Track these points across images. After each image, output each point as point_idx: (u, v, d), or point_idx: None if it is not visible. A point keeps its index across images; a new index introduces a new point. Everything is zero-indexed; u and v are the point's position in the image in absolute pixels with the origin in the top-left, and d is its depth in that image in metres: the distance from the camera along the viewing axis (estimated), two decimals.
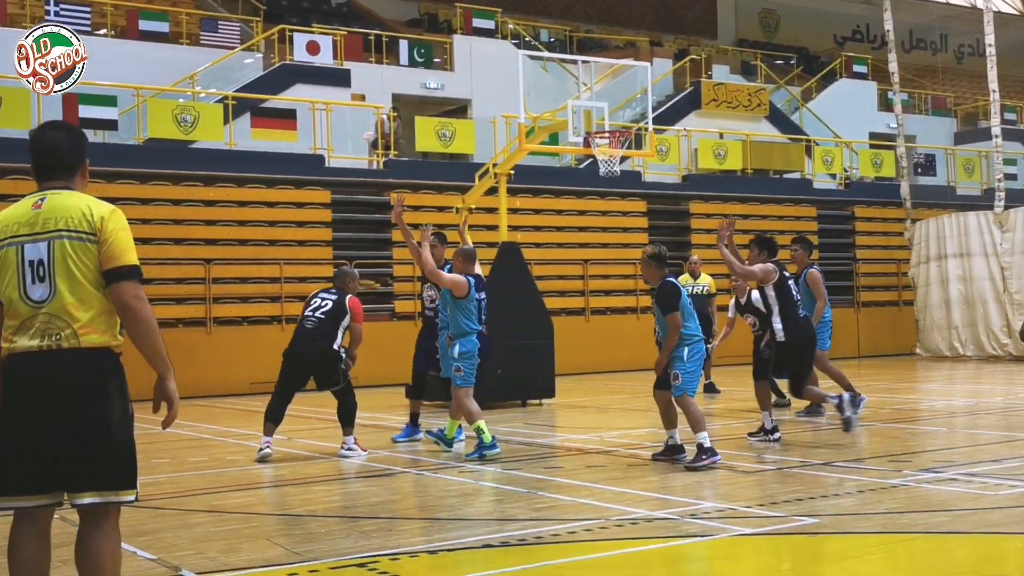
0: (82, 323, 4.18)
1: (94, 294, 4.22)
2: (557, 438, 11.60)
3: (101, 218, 4.24)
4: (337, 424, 10.64)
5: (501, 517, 7.24)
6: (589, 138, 14.63)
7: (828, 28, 42.14)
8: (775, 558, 6.14)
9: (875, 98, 32.54)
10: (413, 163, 22.72)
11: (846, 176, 28.37)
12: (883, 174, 28.58)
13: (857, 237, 27.31)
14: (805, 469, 8.88)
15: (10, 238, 4.26)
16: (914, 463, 9.13)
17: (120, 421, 4.23)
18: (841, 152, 28.55)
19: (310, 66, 22.94)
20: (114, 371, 4.26)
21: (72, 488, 4.18)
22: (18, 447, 4.17)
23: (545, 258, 22.40)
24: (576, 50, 29.83)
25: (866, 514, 7.03)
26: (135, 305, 4.22)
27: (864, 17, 42.63)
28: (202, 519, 7.50)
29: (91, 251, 4.21)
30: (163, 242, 19.20)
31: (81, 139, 4.51)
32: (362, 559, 6.01)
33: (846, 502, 7.41)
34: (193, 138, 20.22)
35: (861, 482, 8.14)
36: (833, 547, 6.28)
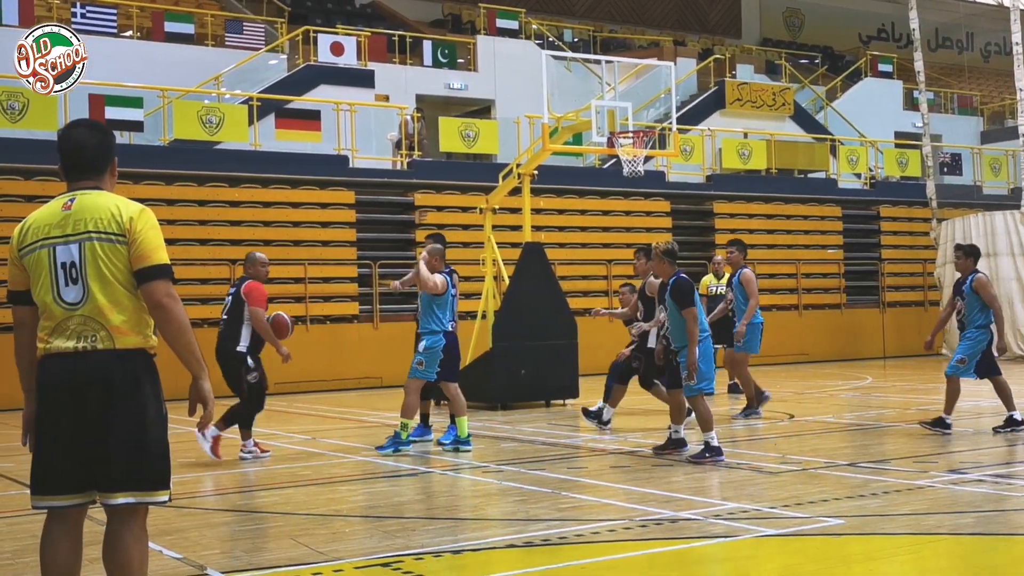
0: (116, 325, 4.19)
1: (126, 295, 4.22)
2: (581, 438, 11.60)
3: (130, 218, 4.22)
4: (364, 425, 10.67)
5: (525, 517, 7.25)
6: (613, 138, 14.61)
7: (853, 27, 41.92)
8: (800, 559, 6.12)
9: (901, 97, 32.36)
10: (437, 163, 22.76)
11: (871, 176, 28.21)
12: (909, 174, 28.40)
13: (882, 237, 27.16)
14: (830, 470, 8.84)
15: (42, 240, 4.25)
16: (940, 464, 9.08)
17: (154, 422, 4.24)
18: (866, 151, 28.39)
19: (334, 67, 23.02)
20: (148, 372, 4.27)
21: (105, 488, 4.18)
22: (53, 447, 4.19)
23: (569, 258, 22.39)
24: (600, 50, 29.81)
25: (892, 515, 7.00)
26: (167, 304, 4.21)
27: (889, 16, 42.39)
28: (227, 518, 7.55)
29: (121, 252, 4.20)
30: (188, 243, 19.30)
31: (108, 138, 4.48)
32: (386, 559, 6.03)
33: (871, 503, 7.38)
34: (218, 139, 20.33)
35: (886, 483, 8.10)
36: (858, 548, 6.26)
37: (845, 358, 24.15)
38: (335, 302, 20.34)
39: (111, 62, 21.24)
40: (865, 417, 12.96)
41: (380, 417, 14.61)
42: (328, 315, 20.22)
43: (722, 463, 9.10)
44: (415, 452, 10.71)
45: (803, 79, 31.33)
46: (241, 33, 23.88)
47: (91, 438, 4.14)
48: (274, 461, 10.41)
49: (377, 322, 20.45)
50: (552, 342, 15.22)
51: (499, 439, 11.58)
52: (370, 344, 20.27)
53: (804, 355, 24.18)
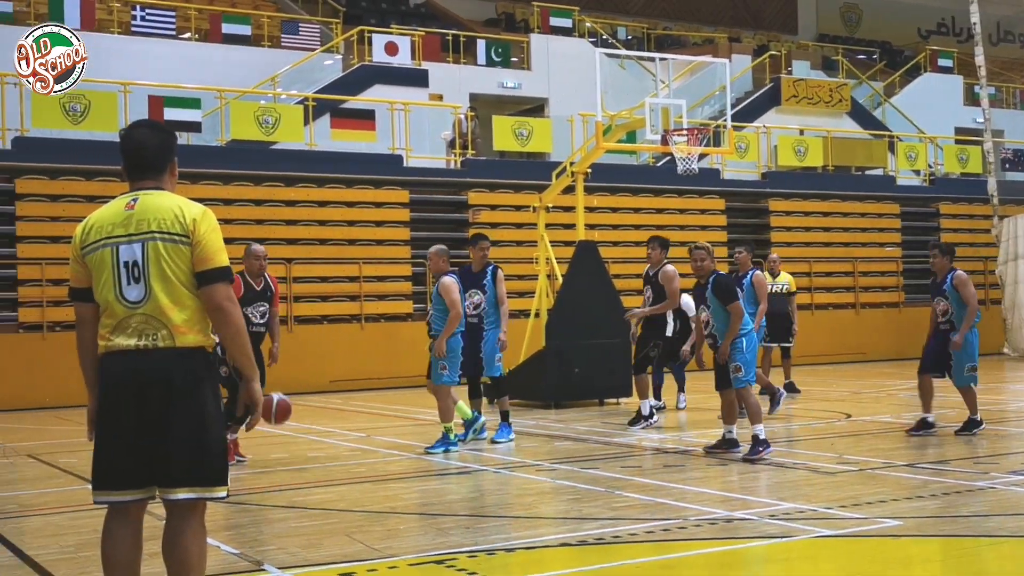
0: (177, 324, 4.25)
1: (188, 295, 4.28)
2: (635, 437, 11.56)
3: (193, 220, 4.28)
4: (418, 423, 10.73)
5: (579, 516, 7.24)
6: (667, 136, 14.54)
7: (912, 21, 41.32)
8: (857, 561, 6.05)
9: (961, 92, 31.83)
10: (490, 162, 22.80)
11: (931, 172, 27.79)
12: (969, 170, 27.95)
13: (942, 235, 26.72)
14: (888, 470, 8.73)
15: (105, 239, 4.31)
16: (1001, 465, 8.93)
17: (214, 419, 4.31)
18: (925, 148, 27.98)
19: (388, 67, 23.16)
20: (208, 370, 4.34)
21: (165, 484, 4.24)
22: (114, 444, 4.26)
23: (622, 256, 22.31)
24: (654, 47, 29.70)
25: (951, 517, 6.90)
26: (227, 307, 4.29)
27: (949, 10, 41.72)
28: (284, 515, 7.63)
29: (184, 253, 4.26)
30: (245, 242, 19.44)
31: (169, 138, 4.53)
32: (441, 556, 6.06)
33: (930, 504, 7.27)
34: (274, 139, 20.54)
35: (946, 484, 7.99)
36: (917, 550, 6.17)
37: (903, 357, 23.73)
38: (389, 300, 20.46)
39: (170, 64, 21.59)
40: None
41: (434, 415, 14.65)
42: (382, 313, 20.34)
43: (771, 453, 9.27)
44: (467, 450, 10.74)
45: (860, 75, 30.95)
46: (297, 34, 24.12)
47: (152, 435, 4.21)
48: (330, 459, 10.51)
49: None
50: (605, 341, 15.18)
51: (552, 437, 11.57)
52: (424, 342, 20.13)
53: (861, 354, 23.89)
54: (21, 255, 17.79)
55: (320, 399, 17.73)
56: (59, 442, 12.57)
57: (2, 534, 7.10)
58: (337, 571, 5.84)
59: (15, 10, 21.16)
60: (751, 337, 9.62)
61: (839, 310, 24.59)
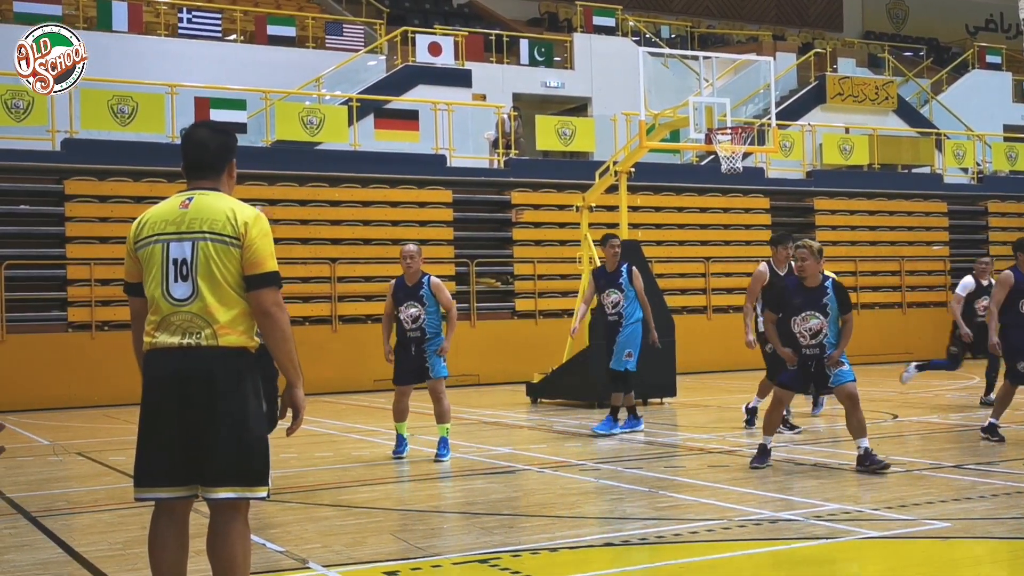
0: (222, 324, 4.28)
1: (234, 296, 4.31)
2: (679, 437, 11.52)
3: (245, 223, 4.32)
4: (461, 422, 10.74)
5: (622, 516, 7.24)
6: (711, 135, 14.47)
7: (959, 18, 40.80)
8: (904, 562, 5.99)
9: (1010, 89, 31.37)
10: (534, 162, 22.80)
11: (979, 170, 27.43)
12: (1019, 168, 27.55)
13: (991, 233, 26.38)
14: (935, 471, 8.64)
15: (157, 235, 4.35)
16: None
17: (255, 418, 4.33)
18: (973, 145, 27.61)
19: (432, 67, 23.24)
20: (250, 369, 4.35)
21: (207, 482, 4.27)
22: (157, 439, 4.29)
23: (667, 256, 22.23)
24: (697, 46, 29.56)
25: (999, 518, 6.81)
26: (274, 312, 4.32)
27: (997, 5, 41.15)
28: (328, 513, 7.68)
29: (233, 255, 4.29)
30: (290, 242, 19.67)
31: (229, 139, 4.57)
32: (484, 555, 6.08)
33: (978, 506, 7.19)
34: (319, 140, 20.68)
35: (994, 486, 7.89)
36: (965, 552, 6.10)
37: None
38: None
39: (216, 65, 21.81)
40: (972, 418, 12.60)
41: (476, 414, 14.71)
42: None
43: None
44: (509, 449, 10.74)
45: (907, 72, 30.61)
46: (341, 35, 24.26)
47: (193, 433, 4.24)
48: (373, 457, 10.56)
49: (474, 320, 20.57)
50: None
51: (596, 437, 11.55)
52: (467, 342, 20.38)
53: (909, 354, 23.58)
54: (70, 255, 18.04)
55: (364, 398, 17.83)
56: (108, 440, 12.74)
57: (52, 531, 7.22)
58: (381, 570, 5.87)
59: (64, 14, 21.45)
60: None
61: (886, 309, 24.33)
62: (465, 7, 30.93)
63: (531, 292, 21.02)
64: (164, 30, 23.01)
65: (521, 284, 21.24)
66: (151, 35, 22.52)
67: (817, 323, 8.77)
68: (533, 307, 20.98)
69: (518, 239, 21.56)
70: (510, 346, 20.36)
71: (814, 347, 8.81)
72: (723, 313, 22.13)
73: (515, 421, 13.94)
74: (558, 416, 14.10)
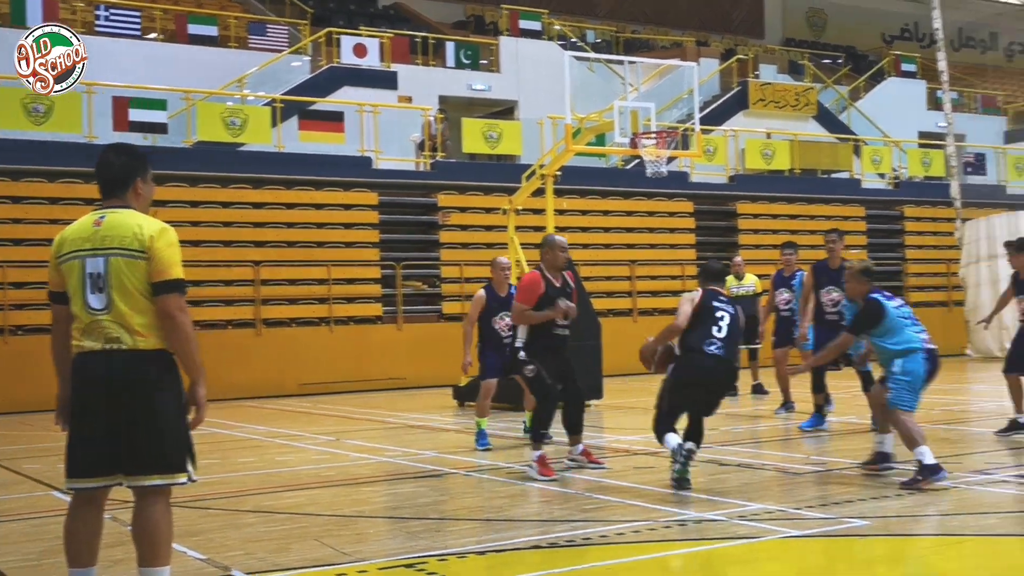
0: (137, 330, 4.77)
1: (145, 304, 4.79)
2: (605, 439, 11.58)
3: (151, 236, 4.78)
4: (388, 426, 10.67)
5: (549, 518, 7.25)
6: (636, 139, 14.58)
7: (876, 27, 41.71)
8: (824, 560, 6.10)
9: (924, 97, 32.17)
10: (460, 165, 22.79)
11: (895, 176, 28.04)
12: (933, 173, 28.24)
13: (906, 237, 27.01)
14: (854, 471, 8.80)
15: (75, 252, 4.85)
16: (964, 465, 9.02)
17: (174, 413, 4.82)
18: (890, 151, 28.24)
19: (357, 68, 23.11)
20: (168, 368, 4.84)
21: (131, 472, 4.77)
22: (85, 436, 4.80)
23: (592, 259, 22.37)
24: (622, 50, 29.76)
25: (917, 516, 6.96)
26: (177, 316, 4.79)
27: (912, 15, 42.14)
28: (252, 519, 7.58)
29: (141, 267, 4.77)
30: (212, 244, 19.41)
31: (131, 160, 5.00)
32: (410, 559, 6.05)
33: (896, 504, 7.34)
34: (242, 141, 20.44)
35: None
36: (883, 550, 6.23)
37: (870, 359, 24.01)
38: (359, 303, 20.40)
39: (135, 64, 21.41)
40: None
41: (403, 418, 14.65)
42: (352, 316, 20.28)
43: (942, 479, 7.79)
44: (435, 453, 10.72)
45: (826, 79, 31.20)
46: (264, 35, 24.01)
47: (118, 428, 4.73)
48: (298, 462, 10.45)
49: (401, 323, 20.50)
50: (576, 343, 15.09)
51: (523, 440, 11.57)
52: (394, 345, 20.32)
53: None
54: None
55: (289, 402, 17.65)
56: (23, 447, 12.43)
57: None
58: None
59: None
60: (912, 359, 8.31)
61: None
62: (391, 9, 30.80)
63: (458, 295, 20.99)
64: (81, 27, 22.51)
65: (448, 287, 21.21)
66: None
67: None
68: (460, 310, 20.94)
69: (445, 242, 21.53)
70: (437, 349, 20.29)
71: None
72: (649, 316, 22.30)
73: (442, 424, 13.91)
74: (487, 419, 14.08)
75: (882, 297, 8.40)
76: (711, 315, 8.34)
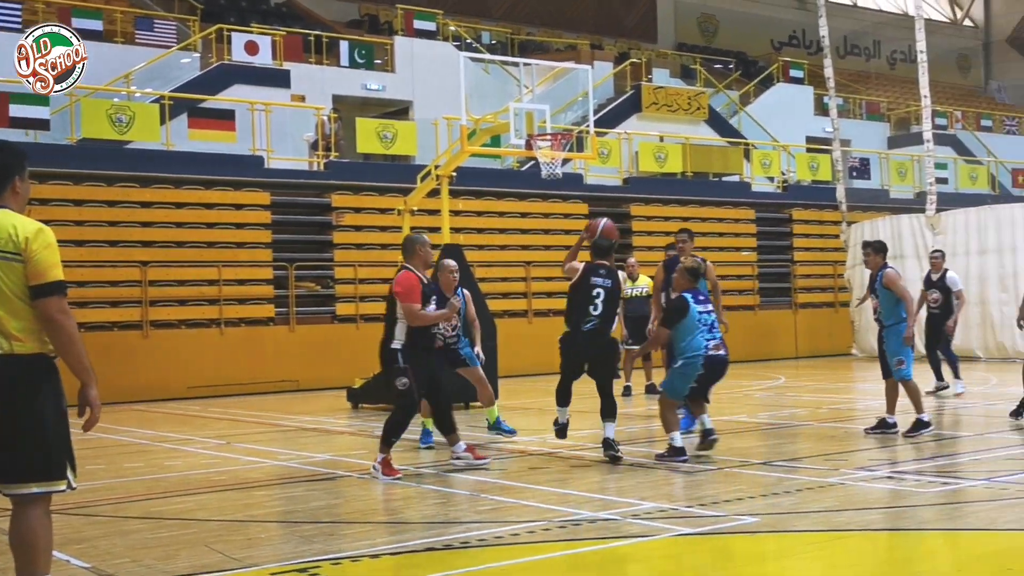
0: (14, 333, 4.60)
1: (23, 307, 4.62)
2: (500, 440, 11.59)
3: (26, 238, 4.62)
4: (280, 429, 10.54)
5: (444, 520, 7.23)
6: (531, 140, 14.63)
7: (765, 33, 42.69)
8: (715, 557, 6.20)
9: (811, 102, 33.01)
10: (354, 165, 22.60)
11: (784, 179, 28.71)
12: (819, 177, 28.99)
13: (794, 239, 27.68)
14: (744, 469, 8.97)
15: None
16: (849, 462, 9.27)
17: (54, 418, 4.66)
18: (779, 155, 28.91)
19: (249, 66, 22.73)
20: (48, 373, 4.69)
21: (10, 479, 4.63)
22: None
23: (488, 260, 22.41)
24: (517, 52, 29.87)
25: (803, 513, 7.12)
26: (59, 318, 4.63)
27: (800, 23, 43.25)
28: (138, 526, 7.39)
29: (17, 270, 4.61)
30: (98, 244, 18.90)
31: (9, 158, 4.82)
32: (303, 564, 5.96)
33: (784, 501, 7.50)
34: (128, 138, 19.94)
35: (799, 481, 8.25)
36: (771, 546, 6.36)
37: (758, 358, 24.52)
38: (250, 304, 20.07)
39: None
40: (778, 416, 13.19)
41: (297, 420, 14.46)
42: (243, 318, 19.94)
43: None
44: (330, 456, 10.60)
45: (717, 84, 31.79)
46: (152, 31, 23.45)
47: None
48: (188, 467, 10.23)
49: (293, 324, 20.24)
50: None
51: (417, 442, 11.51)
52: (286, 347, 20.05)
53: None
54: None
55: (178, 406, 17.28)
56: None
57: None
58: None
59: None
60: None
61: None
62: (283, 6, 30.40)
63: (352, 296, 20.81)
64: None
65: (342, 288, 21.01)
66: None
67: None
68: (354, 311, 20.79)
69: (338, 242, 21.33)
70: (331, 351, 20.10)
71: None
72: (544, 317, 22.43)
73: (336, 427, 13.77)
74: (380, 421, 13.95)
75: (692, 299, 9.46)
76: (588, 292, 9.36)
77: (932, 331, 15.26)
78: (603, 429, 9.41)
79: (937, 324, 15.13)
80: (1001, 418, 11.77)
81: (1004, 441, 10.35)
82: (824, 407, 13.90)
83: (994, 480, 8.09)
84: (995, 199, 29.47)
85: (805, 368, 22.45)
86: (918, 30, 23.76)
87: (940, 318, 15.07)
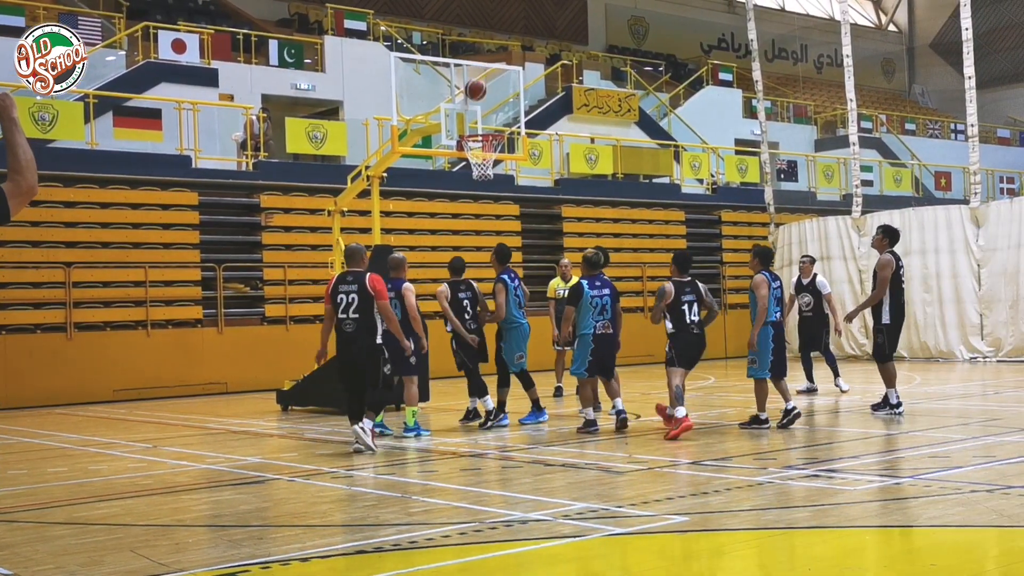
0: None
1: None
2: (431, 441, 11.56)
3: None
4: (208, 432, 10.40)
5: (375, 522, 7.18)
6: (462, 141, 14.61)
7: (695, 36, 43.15)
8: (646, 557, 6.24)
9: (740, 105, 33.43)
10: (284, 165, 22.38)
11: (713, 181, 29.03)
12: (748, 179, 29.37)
13: (724, 241, 27.99)
14: (675, 469, 9.05)
15: None
16: (778, 460, 9.40)
17: None
18: (708, 157, 29.21)
19: (176, 65, 22.40)
20: None
21: None
22: None
23: (419, 261, 22.30)
24: (449, 53, 29.81)
25: (733, 511, 7.20)
26: None
27: (729, 26, 43.79)
28: (62, 532, 7.24)
29: None
30: (20, 245, 18.49)
31: None
32: (232, 568, 5.89)
33: (714, 500, 7.57)
34: (52, 137, 19.52)
35: (728, 480, 8.34)
36: (702, 545, 6.41)
37: None
38: (178, 306, 19.78)
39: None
40: (708, 416, 13.32)
41: (225, 423, 14.28)
42: (171, 319, 19.64)
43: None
44: (259, 459, 10.49)
45: (647, 86, 32.04)
46: (76, 27, 22.91)
47: None
48: (113, 471, 10.05)
49: (222, 326, 19.98)
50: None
51: (348, 443, 11.43)
52: (215, 349, 19.80)
53: (650, 356, 24.68)
54: None
55: (103, 409, 16.97)
56: None
57: None
58: None
59: None
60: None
61: (629, 313, 25.25)
62: (211, 4, 30.01)
63: (281, 298, 20.61)
64: None
65: (271, 289, 20.79)
66: None
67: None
68: (284, 313, 20.59)
69: (268, 243, 21.11)
70: (260, 353, 19.90)
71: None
72: None
73: (265, 429, 13.61)
74: (310, 423, 13.89)
75: (588, 284, 11.31)
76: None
77: (805, 334, 16.11)
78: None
79: (810, 327, 15.98)
80: (925, 416, 12.02)
81: (929, 439, 10.56)
82: (753, 407, 14.05)
83: (918, 477, 8.25)
84: (918, 201, 30.08)
85: (735, 368, 22.69)
86: (844, 35, 24.19)
87: (812, 321, 15.93)
